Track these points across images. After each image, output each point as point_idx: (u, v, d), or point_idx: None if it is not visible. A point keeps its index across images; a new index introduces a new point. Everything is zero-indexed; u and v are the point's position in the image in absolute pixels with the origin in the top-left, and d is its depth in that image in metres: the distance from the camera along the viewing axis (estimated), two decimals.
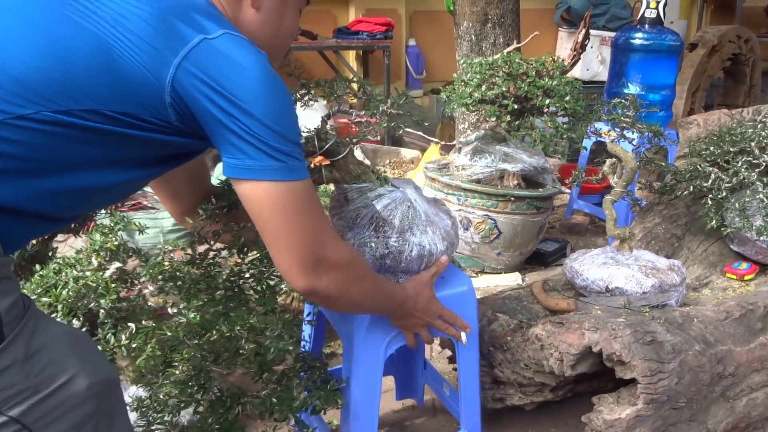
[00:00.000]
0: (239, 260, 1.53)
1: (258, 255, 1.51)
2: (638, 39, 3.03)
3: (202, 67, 0.93)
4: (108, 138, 0.95)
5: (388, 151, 4.11)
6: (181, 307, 1.79)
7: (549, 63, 2.60)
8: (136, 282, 1.85)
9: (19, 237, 0.99)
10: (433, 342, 1.47)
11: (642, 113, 2.16)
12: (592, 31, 5.39)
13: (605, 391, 1.57)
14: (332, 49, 4.25)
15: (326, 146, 1.56)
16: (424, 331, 1.38)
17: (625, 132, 2.07)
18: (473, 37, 3.33)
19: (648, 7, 3.00)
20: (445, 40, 5.29)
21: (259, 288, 1.44)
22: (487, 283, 2.53)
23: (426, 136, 3.95)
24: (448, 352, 1.87)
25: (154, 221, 3.38)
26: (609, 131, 2.57)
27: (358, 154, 3.89)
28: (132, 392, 1.74)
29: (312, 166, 1.57)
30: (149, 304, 1.82)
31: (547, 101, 2.42)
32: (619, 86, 3.16)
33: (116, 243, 1.72)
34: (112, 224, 1.81)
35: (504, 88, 2.49)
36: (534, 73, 2.49)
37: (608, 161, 2.08)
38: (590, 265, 1.81)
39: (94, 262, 1.73)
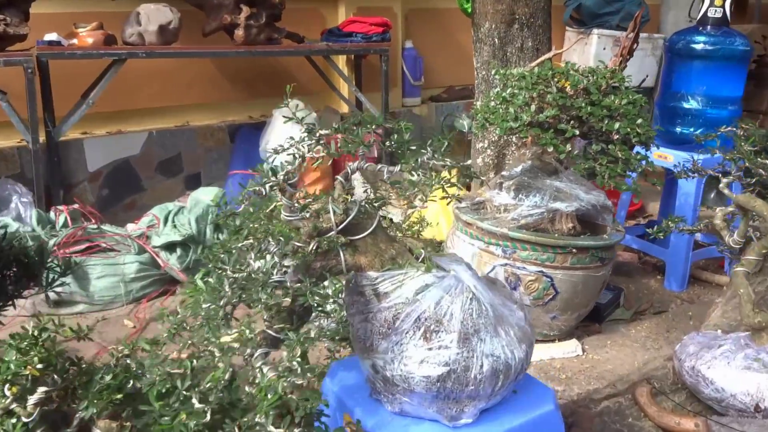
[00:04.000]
0: None
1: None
2: (701, 43, 2.53)
3: None
4: None
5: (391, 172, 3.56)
6: None
7: (605, 74, 2.08)
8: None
9: None
10: None
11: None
12: (604, 31, 4.91)
13: None
14: (322, 53, 3.69)
15: (347, 220, 1.04)
16: None
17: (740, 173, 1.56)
18: (496, 40, 2.80)
19: (712, 4, 2.50)
20: (445, 41, 4.77)
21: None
22: (540, 356, 2.00)
23: None
24: None
25: (114, 267, 2.78)
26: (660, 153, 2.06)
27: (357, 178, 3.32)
28: None
29: (312, 248, 1.04)
30: None
31: (617, 125, 1.90)
32: (676, 100, 2.65)
33: (39, 368, 1.13)
34: (36, 330, 1.21)
35: (557, 109, 1.97)
36: (596, 89, 1.96)
37: (720, 211, 1.56)
38: (725, 369, 1.29)
39: (8, 393, 1.14)
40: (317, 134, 1.15)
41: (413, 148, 1.18)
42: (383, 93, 3.85)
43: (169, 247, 2.82)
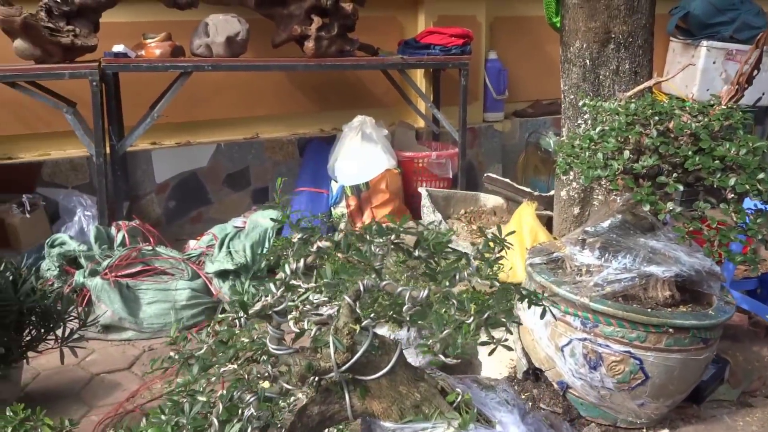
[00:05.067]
0: None
1: None
2: None
3: None
4: None
5: (464, 197, 3.28)
6: None
7: (719, 115, 1.72)
8: None
9: None
10: None
11: None
12: (714, 43, 4.40)
13: None
14: (397, 67, 3.45)
15: (354, 359, 0.79)
16: None
17: None
18: (587, 61, 2.46)
19: None
20: (532, 52, 4.41)
21: None
22: None
23: (513, 183, 3.10)
24: None
25: (165, 293, 2.65)
26: None
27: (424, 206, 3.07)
28: None
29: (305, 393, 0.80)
30: None
31: (732, 180, 1.55)
32: None
33: None
34: None
35: (656, 157, 1.64)
36: (707, 134, 1.62)
37: None
38: None
39: None
40: (315, 246, 0.92)
41: (450, 256, 0.92)
42: (460, 109, 3.57)
43: (222, 274, 2.68)
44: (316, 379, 0.84)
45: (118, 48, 3.03)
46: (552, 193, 2.94)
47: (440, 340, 0.76)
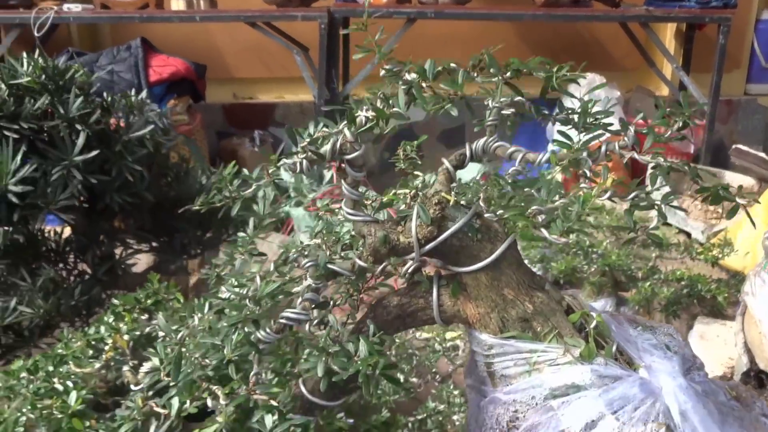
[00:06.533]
0: None
1: None
2: None
3: None
4: None
5: (703, 173, 2.79)
6: None
7: None
8: None
9: None
10: None
11: None
12: None
13: None
14: (639, 20, 3.02)
15: (441, 237, 0.62)
16: None
17: None
18: None
19: None
20: None
21: None
22: None
23: None
24: None
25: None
26: None
27: None
28: None
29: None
30: None
31: None
32: None
33: (125, 339, 0.96)
34: (145, 294, 1.03)
35: None
36: None
37: None
38: None
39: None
40: (403, 78, 0.75)
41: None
42: (714, 74, 3.03)
43: None
44: (410, 270, 0.70)
45: None
46: None
47: (547, 210, 0.56)
